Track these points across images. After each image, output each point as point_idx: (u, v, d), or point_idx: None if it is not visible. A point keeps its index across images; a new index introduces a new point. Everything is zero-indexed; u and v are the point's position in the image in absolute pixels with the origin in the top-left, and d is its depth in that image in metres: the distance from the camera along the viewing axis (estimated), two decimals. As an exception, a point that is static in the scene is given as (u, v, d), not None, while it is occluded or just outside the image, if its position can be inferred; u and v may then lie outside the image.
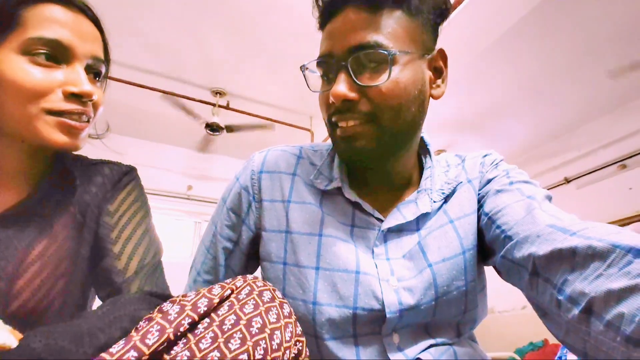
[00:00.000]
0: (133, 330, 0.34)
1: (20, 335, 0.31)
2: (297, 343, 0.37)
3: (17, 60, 0.46)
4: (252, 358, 0.32)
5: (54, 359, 0.30)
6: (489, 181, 0.61)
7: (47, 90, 0.47)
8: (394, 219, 0.58)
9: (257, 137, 3.58)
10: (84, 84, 0.49)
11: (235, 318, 0.35)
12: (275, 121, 3.41)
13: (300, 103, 3.34)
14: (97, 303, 0.51)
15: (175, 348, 0.32)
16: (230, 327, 0.34)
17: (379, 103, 0.51)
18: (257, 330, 0.34)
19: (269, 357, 0.33)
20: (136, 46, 2.62)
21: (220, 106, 3.27)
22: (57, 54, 0.48)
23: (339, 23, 0.52)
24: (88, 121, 0.52)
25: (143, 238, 0.54)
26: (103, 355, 0.30)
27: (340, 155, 0.59)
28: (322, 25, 0.56)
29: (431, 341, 0.54)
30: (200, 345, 0.32)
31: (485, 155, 0.65)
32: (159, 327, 0.32)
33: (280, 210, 0.61)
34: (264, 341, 0.34)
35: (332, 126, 0.56)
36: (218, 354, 0.31)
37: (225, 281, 0.40)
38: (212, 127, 3.49)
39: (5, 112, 0.47)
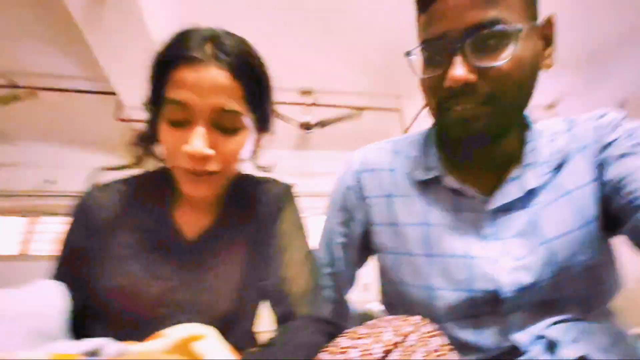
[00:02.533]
0: None
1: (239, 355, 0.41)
2: None
3: (164, 126, 0.53)
4: None
5: None
6: (608, 145, 0.55)
7: (176, 150, 0.51)
8: (500, 198, 0.57)
9: (349, 124, 3.65)
10: (194, 144, 0.49)
11: None
12: (363, 109, 3.44)
13: (385, 85, 3.30)
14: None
15: None
16: None
17: (500, 84, 0.49)
18: None
19: None
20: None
21: (310, 105, 3.43)
22: (181, 116, 0.51)
23: (451, 1, 0.49)
24: (215, 172, 0.53)
25: (306, 261, 0.60)
26: None
27: (454, 139, 0.56)
28: (425, 5, 0.52)
29: (556, 317, 0.53)
30: None
31: (600, 117, 0.59)
32: None
33: (384, 205, 0.65)
34: None
35: (442, 110, 0.54)
36: None
37: (395, 324, 0.41)
38: (307, 126, 3.69)
39: (168, 163, 0.56)
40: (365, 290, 1.72)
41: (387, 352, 0.38)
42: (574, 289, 0.53)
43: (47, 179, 3.97)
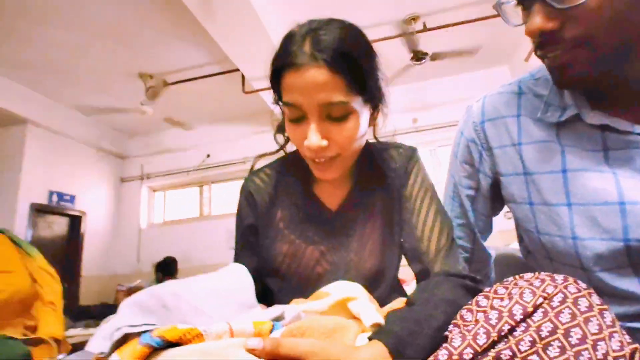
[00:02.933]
0: (459, 320, 0.43)
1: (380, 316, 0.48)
2: (632, 352, 0.35)
3: (287, 122, 0.60)
4: None
5: (407, 338, 0.41)
6: None
7: (300, 143, 0.59)
8: None
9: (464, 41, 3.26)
10: (310, 139, 0.55)
11: (551, 327, 0.36)
12: (482, 19, 2.99)
13: None
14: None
15: (497, 345, 0.36)
16: (547, 334, 0.35)
17: (589, 23, 0.44)
18: (577, 341, 0.34)
19: None
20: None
21: (418, 31, 3.16)
22: (296, 114, 0.57)
23: None
24: (336, 156, 0.59)
25: (436, 220, 0.63)
26: (446, 346, 0.38)
27: (558, 86, 0.54)
28: None
29: None
30: (520, 347, 0.35)
31: None
32: (485, 330, 0.37)
33: (512, 155, 0.61)
34: (586, 352, 0.34)
35: (541, 58, 0.51)
36: (537, 358, 0.34)
37: (535, 285, 0.39)
38: (418, 56, 3.44)
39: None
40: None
41: (528, 314, 0.37)
42: None
43: (208, 153, 4.80)
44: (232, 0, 2.34)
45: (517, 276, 0.44)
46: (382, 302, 0.58)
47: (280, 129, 0.72)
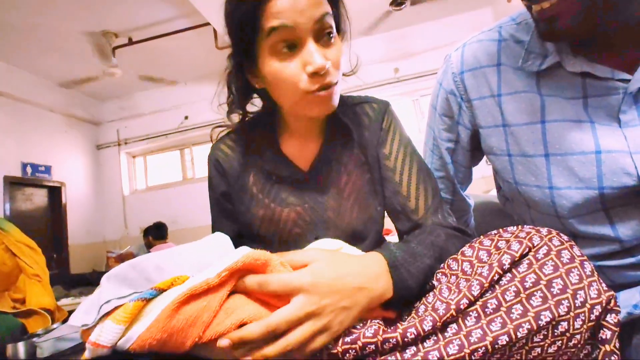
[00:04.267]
0: (446, 268, 0.46)
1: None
2: (608, 298, 0.38)
3: (270, 63, 0.54)
4: (555, 314, 0.36)
5: (403, 262, 0.45)
6: None
7: (296, 78, 0.53)
8: None
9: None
10: (315, 61, 0.51)
11: (535, 277, 0.37)
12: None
13: None
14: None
15: (485, 294, 0.39)
16: (531, 285, 0.37)
17: None
18: (558, 291, 0.36)
19: (572, 313, 0.36)
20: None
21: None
22: (288, 40, 0.52)
23: None
24: (336, 83, 0.56)
25: (420, 177, 0.63)
26: (441, 298, 0.41)
27: (543, 39, 0.52)
28: None
29: None
30: (505, 296, 0.37)
31: None
32: (478, 282, 0.39)
33: (492, 106, 0.60)
34: (566, 300, 0.36)
35: (527, 7, 0.49)
36: (521, 308, 0.36)
37: (521, 236, 0.41)
38: (397, 1, 3.30)
39: (282, 101, 0.62)
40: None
41: (515, 260, 0.39)
42: None
43: (186, 115, 4.66)
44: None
45: (501, 229, 0.45)
46: None
47: (234, 106, 0.67)
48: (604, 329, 0.39)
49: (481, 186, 3.07)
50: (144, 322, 0.38)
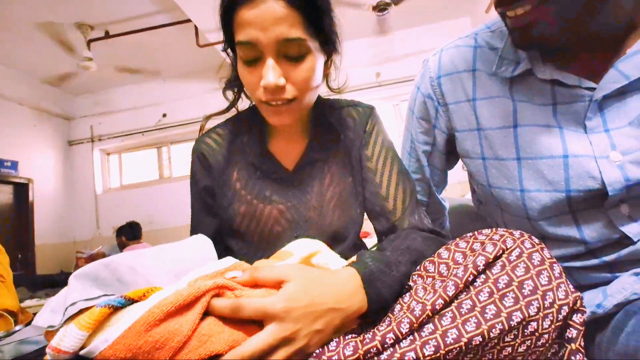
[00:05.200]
0: (423, 270, 0.47)
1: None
2: (575, 299, 0.40)
3: (240, 64, 0.57)
4: (525, 315, 0.37)
5: (378, 274, 0.44)
6: None
7: (255, 86, 0.56)
8: (610, 81, 0.50)
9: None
10: (267, 77, 0.53)
11: (507, 279, 0.39)
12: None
13: None
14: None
15: (460, 295, 0.40)
16: (504, 286, 0.39)
17: None
18: (528, 292, 0.38)
19: (541, 314, 0.37)
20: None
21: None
22: (251, 54, 0.54)
23: None
24: (293, 99, 0.56)
25: (400, 179, 0.64)
26: (417, 298, 0.42)
27: (517, 47, 0.53)
28: None
29: None
30: (480, 297, 0.39)
31: None
32: (453, 283, 0.40)
33: (467, 110, 0.62)
34: (536, 301, 0.38)
35: (501, 16, 0.51)
36: (495, 308, 0.37)
37: (495, 239, 0.42)
38: (380, 7, 3.34)
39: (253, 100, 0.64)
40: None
41: (489, 262, 0.40)
42: None
43: (164, 113, 4.55)
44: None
45: (476, 232, 0.46)
46: (344, 259, 0.59)
47: (230, 84, 0.68)
48: (571, 329, 0.40)
49: (457, 191, 3.14)
50: (109, 333, 0.36)
